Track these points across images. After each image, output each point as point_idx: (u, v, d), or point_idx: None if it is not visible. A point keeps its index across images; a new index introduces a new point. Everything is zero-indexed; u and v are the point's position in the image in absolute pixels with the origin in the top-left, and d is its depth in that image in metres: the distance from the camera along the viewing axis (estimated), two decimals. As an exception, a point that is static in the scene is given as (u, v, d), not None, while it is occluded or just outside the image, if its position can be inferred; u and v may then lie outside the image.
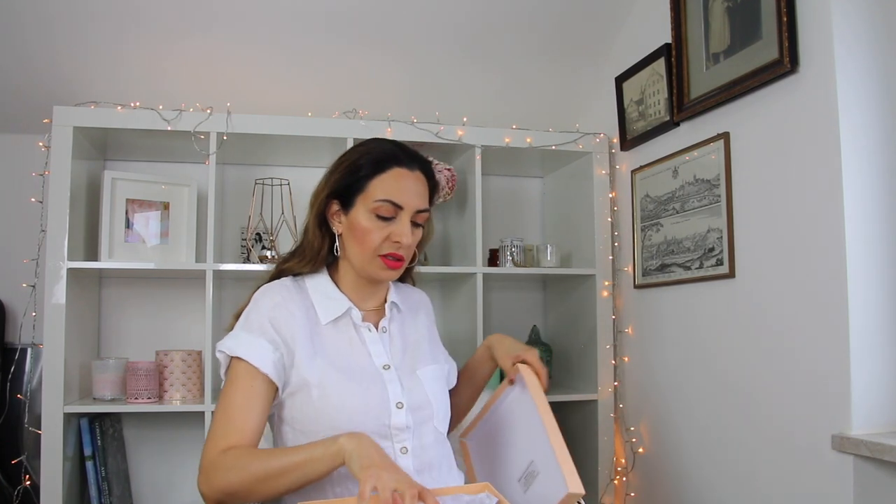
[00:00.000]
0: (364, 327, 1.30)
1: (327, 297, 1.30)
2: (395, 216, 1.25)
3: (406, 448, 1.23)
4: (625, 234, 2.27)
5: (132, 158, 2.34)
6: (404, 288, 1.45)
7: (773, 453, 1.64)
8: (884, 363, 1.47)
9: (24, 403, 2.03)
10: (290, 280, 1.32)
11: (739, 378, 1.76)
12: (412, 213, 1.26)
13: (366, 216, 1.25)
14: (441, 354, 1.42)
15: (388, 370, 1.27)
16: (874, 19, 1.52)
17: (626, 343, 2.27)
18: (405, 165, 1.28)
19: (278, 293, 1.27)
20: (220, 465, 1.10)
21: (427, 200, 1.30)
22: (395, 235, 1.25)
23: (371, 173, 1.26)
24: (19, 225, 2.22)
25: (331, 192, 1.29)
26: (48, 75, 2.16)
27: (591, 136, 2.32)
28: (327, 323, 1.27)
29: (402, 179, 1.26)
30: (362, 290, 1.33)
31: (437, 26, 2.22)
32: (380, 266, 1.26)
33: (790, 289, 1.60)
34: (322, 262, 1.33)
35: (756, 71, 1.67)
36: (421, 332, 1.40)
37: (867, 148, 1.49)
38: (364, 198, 1.26)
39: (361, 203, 1.26)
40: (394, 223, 1.25)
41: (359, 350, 1.28)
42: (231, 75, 2.26)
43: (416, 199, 1.27)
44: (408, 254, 1.28)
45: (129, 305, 2.33)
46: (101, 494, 2.04)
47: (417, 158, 1.31)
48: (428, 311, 1.47)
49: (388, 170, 1.26)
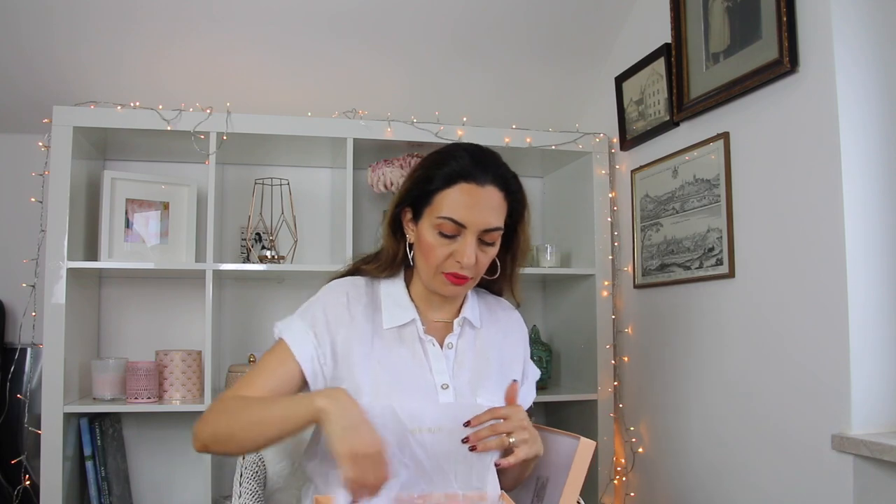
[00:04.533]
0: (428, 341, 1.24)
1: (396, 303, 1.25)
2: (459, 234, 1.18)
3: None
4: (624, 234, 2.27)
5: (132, 158, 2.34)
6: (492, 302, 1.36)
7: (773, 453, 1.64)
8: (884, 363, 1.47)
9: (23, 403, 2.03)
10: (364, 280, 1.28)
11: (739, 378, 1.76)
12: (478, 231, 1.18)
13: (430, 231, 1.19)
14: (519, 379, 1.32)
15: (446, 390, 1.21)
16: (874, 19, 1.52)
17: (625, 343, 2.27)
18: (475, 180, 1.18)
19: (346, 292, 1.25)
20: (214, 408, 1.15)
21: (500, 218, 1.20)
22: (458, 255, 1.18)
23: (438, 188, 1.19)
24: (19, 225, 2.22)
25: (401, 201, 1.25)
26: (48, 75, 2.16)
27: (591, 136, 2.32)
28: (390, 329, 1.23)
29: (468, 195, 1.18)
30: (432, 300, 1.27)
31: (437, 26, 2.22)
32: (442, 282, 1.20)
33: (790, 288, 1.60)
34: (398, 268, 1.29)
35: (756, 71, 1.67)
36: (505, 353, 1.31)
37: (867, 147, 1.49)
38: (430, 212, 1.20)
39: (427, 217, 1.20)
40: (457, 242, 1.18)
41: (420, 363, 1.22)
42: (231, 75, 2.26)
43: (482, 217, 1.17)
44: (473, 272, 1.20)
45: (128, 305, 2.33)
46: (100, 494, 2.04)
47: (492, 170, 1.20)
48: (521, 334, 1.37)
49: (455, 184, 1.18)
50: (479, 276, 1.23)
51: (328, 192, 2.46)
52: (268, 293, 2.41)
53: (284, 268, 2.14)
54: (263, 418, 1.10)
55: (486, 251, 1.20)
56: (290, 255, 2.28)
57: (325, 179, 2.47)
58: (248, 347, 2.33)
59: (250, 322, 2.39)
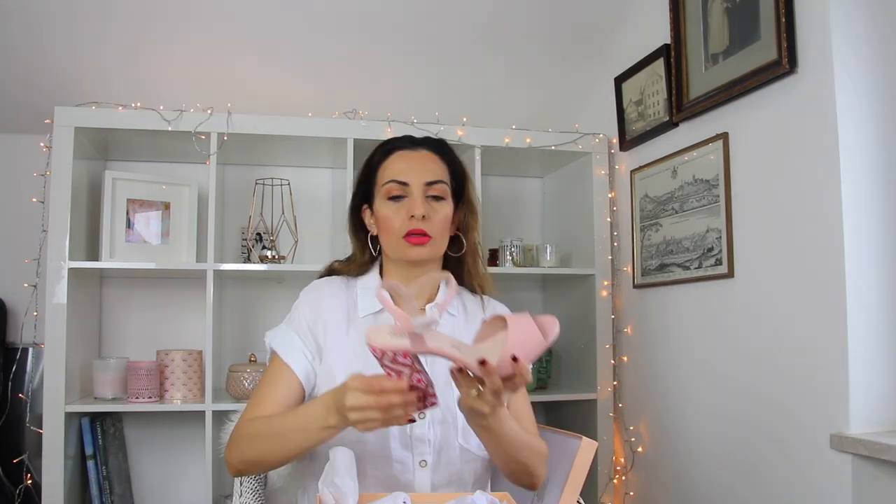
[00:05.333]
0: None
1: (372, 292, 1.29)
2: (406, 196, 1.26)
3: (425, 462, 1.20)
4: (624, 234, 2.27)
5: (133, 159, 2.35)
6: (465, 293, 1.38)
7: (772, 452, 1.64)
8: (882, 362, 1.47)
9: (25, 403, 2.03)
10: (340, 278, 1.35)
11: (738, 377, 1.76)
12: (421, 186, 1.26)
13: (383, 204, 1.27)
14: None
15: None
16: (872, 20, 1.52)
17: (625, 343, 2.27)
18: (407, 147, 1.31)
19: (320, 287, 1.32)
20: (236, 436, 1.18)
21: (438, 174, 1.29)
22: (409, 211, 1.24)
23: (378, 161, 1.31)
24: (21, 225, 2.22)
25: (356, 195, 1.34)
26: (49, 76, 2.17)
27: (591, 137, 2.33)
28: (366, 317, 1.27)
29: (404, 159, 1.29)
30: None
31: (437, 27, 2.23)
32: (405, 246, 1.24)
33: (789, 288, 1.61)
34: (370, 263, 1.35)
35: (755, 71, 1.67)
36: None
37: (865, 147, 1.50)
38: (378, 189, 1.29)
39: (378, 194, 1.29)
40: (406, 201, 1.26)
41: None
42: (231, 76, 2.26)
43: (420, 173, 1.27)
44: (432, 229, 1.24)
45: (129, 305, 2.34)
46: (102, 493, 2.05)
47: (424, 140, 1.34)
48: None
49: (391, 154, 1.30)
50: (442, 238, 1.27)
51: (328, 193, 2.47)
52: (268, 293, 2.42)
53: (285, 268, 2.15)
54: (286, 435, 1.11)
55: (437, 208, 1.26)
56: (290, 255, 2.29)
57: (326, 180, 2.48)
58: (248, 347, 2.33)
59: (251, 322, 2.40)
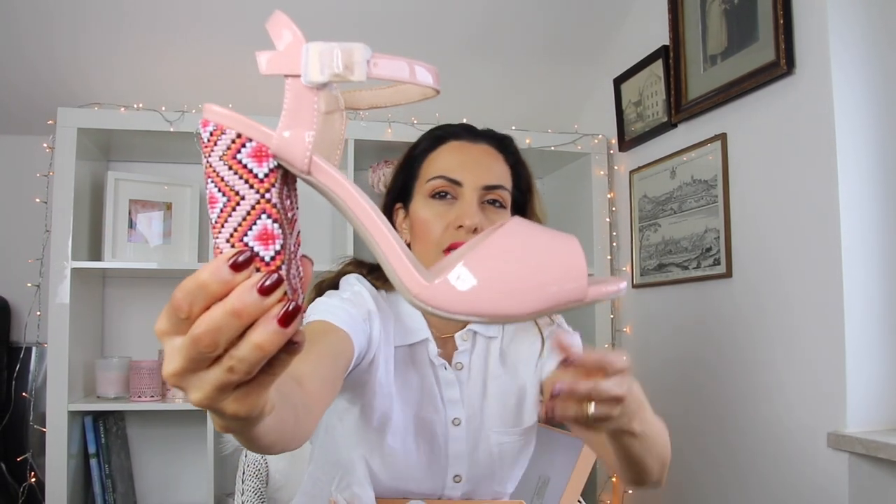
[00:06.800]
0: (440, 365, 1.06)
1: (409, 315, 1.05)
2: (457, 197, 1.00)
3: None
4: (623, 235, 2.28)
5: (135, 159, 2.36)
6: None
7: (770, 451, 1.65)
8: (879, 362, 1.48)
9: (28, 402, 2.05)
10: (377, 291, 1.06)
11: (736, 376, 1.77)
12: (478, 189, 0.99)
13: (423, 204, 1.01)
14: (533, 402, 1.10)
15: (457, 426, 1.06)
16: (870, 21, 1.53)
17: (624, 342, 2.28)
18: (464, 137, 1.04)
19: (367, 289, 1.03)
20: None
21: (500, 177, 1.02)
22: (459, 219, 0.97)
23: (425, 151, 1.05)
24: (24, 225, 2.24)
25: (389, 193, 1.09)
26: (52, 77, 2.18)
27: (590, 137, 2.34)
28: (401, 346, 1.04)
29: (460, 151, 1.03)
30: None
31: (436, 28, 2.24)
32: None
33: (787, 288, 1.62)
34: None
35: (753, 73, 1.68)
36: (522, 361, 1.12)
37: (863, 149, 1.51)
38: (420, 184, 1.03)
39: (418, 192, 1.03)
40: (455, 206, 0.99)
41: (430, 392, 1.05)
42: (233, 76, 2.27)
43: (480, 173, 1.00)
44: None
45: (132, 305, 2.35)
46: (104, 492, 2.06)
47: (486, 132, 1.07)
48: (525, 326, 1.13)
49: (442, 144, 1.04)
50: None
51: (329, 193, 2.47)
52: (270, 293, 2.42)
53: (286, 268, 2.16)
54: None
55: (494, 219, 0.98)
56: (291, 255, 2.29)
57: (327, 180, 2.48)
58: (250, 346, 2.34)
59: (252, 321, 2.40)
